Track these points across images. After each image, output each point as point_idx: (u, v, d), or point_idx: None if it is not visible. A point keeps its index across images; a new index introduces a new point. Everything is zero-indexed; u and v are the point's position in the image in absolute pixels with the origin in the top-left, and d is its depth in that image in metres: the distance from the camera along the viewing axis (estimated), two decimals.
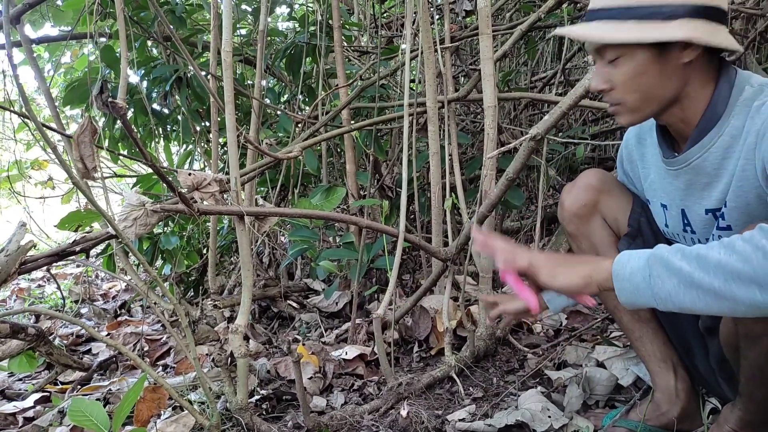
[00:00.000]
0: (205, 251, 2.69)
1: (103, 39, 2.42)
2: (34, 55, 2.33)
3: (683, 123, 1.08)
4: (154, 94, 2.57)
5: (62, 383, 2.05)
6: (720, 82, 1.03)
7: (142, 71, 2.56)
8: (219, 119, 2.32)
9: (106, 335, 2.47)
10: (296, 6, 3.28)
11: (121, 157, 3.03)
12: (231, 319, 2.42)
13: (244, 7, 2.80)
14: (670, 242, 1.28)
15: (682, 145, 1.12)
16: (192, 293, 2.78)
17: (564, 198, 1.36)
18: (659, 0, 0.98)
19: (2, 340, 1.82)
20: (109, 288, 3.61)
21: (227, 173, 1.54)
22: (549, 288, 1.02)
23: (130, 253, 2.09)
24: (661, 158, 1.17)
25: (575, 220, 1.34)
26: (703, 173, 1.08)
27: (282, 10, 3.42)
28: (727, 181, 1.04)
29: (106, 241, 1.74)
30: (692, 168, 1.09)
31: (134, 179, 2.59)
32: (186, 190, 1.44)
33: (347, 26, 2.76)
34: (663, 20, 0.97)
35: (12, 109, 1.54)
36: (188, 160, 2.90)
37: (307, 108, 2.65)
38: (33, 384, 2.06)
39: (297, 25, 2.84)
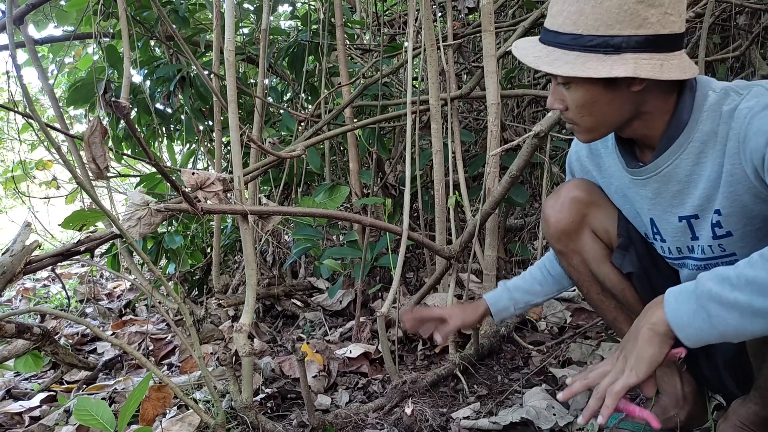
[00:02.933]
0: (209, 250, 2.70)
1: (106, 39, 2.42)
2: (38, 55, 2.33)
3: (646, 136, 1.06)
4: (157, 94, 2.58)
5: (68, 382, 2.06)
6: (683, 91, 1.01)
7: (146, 71, 2.56)
8: (222, 118, 2.33)
9: (111, 334, 2.47)
10: (298, 4, 3.28)
11: (124, 157, 3.03)
12: (235, 318, 2.42)
13: (246, 6, 2.80)
14: (652, 247, 1.25)
15: (647, 153, 1.09)
16: (196, 292, 2.78)
17: (548, 213, 1.26)
18: (606, 30, 0.94)
19: (8, 339, 1.83)
20: (114, 287, 3.62)
21: (230, 172, 1.55)
22: (642, 380, 0.94)
23: (135, 253, 2.09)
24: (624, 168, 1.14)
25: (563, 238, 1.26)
26: (673, 180, 1.06)
27: (284, 8, 3.42)
28: (705, 187, 1.02)
29: (111, 241, 1.74)
30: (663, 176, 1.06)
31: (138, 179, 2.60)
32: (190, 189, 1.44)
33: (350, 24, 2.76)
34: (608, 53, 0.94)
35: (16, 109, 1.54)
36: (191, 160, 2.91)
37: (310, 106, 2.65)
38: (39, 383, 2.06)
39: (299, 23, 2.84)
